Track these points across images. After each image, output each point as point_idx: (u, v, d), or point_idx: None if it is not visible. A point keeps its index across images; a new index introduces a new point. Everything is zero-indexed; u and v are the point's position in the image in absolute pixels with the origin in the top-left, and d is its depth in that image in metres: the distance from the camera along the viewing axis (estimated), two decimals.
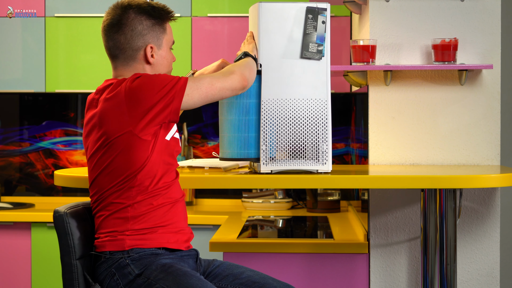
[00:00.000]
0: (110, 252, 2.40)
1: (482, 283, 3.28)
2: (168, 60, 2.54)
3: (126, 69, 2.49)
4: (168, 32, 2.54)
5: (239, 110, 2.73)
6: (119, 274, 2.38)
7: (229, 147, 2.76)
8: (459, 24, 3.27)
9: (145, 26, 2.48)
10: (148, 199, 2.41)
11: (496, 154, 3.27)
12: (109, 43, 2.49)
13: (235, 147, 2.74)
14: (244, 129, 2.73)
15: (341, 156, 4.71)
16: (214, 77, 2.46)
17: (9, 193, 4.87)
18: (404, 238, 3.32)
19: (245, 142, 2.74)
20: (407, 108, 3.29)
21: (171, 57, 2.56)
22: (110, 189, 2.41)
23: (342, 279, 3.29)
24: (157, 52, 2.50)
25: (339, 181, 2.76)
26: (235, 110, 2.74)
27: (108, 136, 2.38)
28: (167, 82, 2.37)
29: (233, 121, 2.74)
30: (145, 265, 2.38)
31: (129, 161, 2.37)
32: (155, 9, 2.49)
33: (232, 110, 2.74)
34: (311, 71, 2.74)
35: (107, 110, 2.38)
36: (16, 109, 4.89)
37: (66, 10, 4.60)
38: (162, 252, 2.42)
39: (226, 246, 3.31)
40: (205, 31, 4.56)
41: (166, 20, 2.52)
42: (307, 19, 2.73)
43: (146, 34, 2.48)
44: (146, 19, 2.48)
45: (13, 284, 4.41)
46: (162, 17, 2.51)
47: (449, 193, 3.04)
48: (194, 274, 2.35)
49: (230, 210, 4.49)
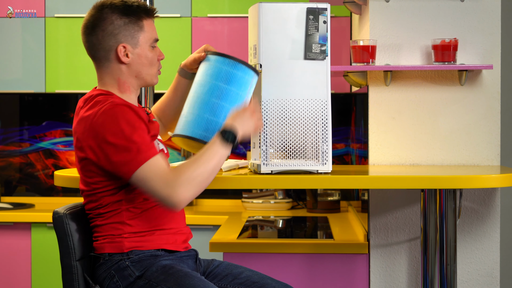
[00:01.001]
0: (109, 254, 2.40)
1: (482, 283, 3.28)
2: (149, 59, 2.46)
3: (104, 70, 2.46)
4: (147, 30, 2.45)
5: (214, 93, 2.54)
6: (118, 276, 2.37)
7: (188, 124, 2.52)
8: (459, 24, 3.27)
9: (117, 25, 2.41)
10: (143, 201, 2.41)
11: (496, 154, 3.27)
12: (85, 45, 2.48)
13: (195, 126, 2.50)
14: (212, 112, 2.51)
15: (341, 156, 4.71)
16: (160, 180, 2.29)
17: (9, 194, 4.87)
18: (404, 238, 3.32)
19: (208, 125, 2.51)
20: (407, 108, 3.29)
21: (154, 55, 2.47)
22: (103, 193, 2.40)
23: (342, 279, 3.29)
24: (132, 51, 2.43)
25: (339, 181, 2.76)
26: (210, 91, 2.53)
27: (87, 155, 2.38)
28: (127, 136, 2.29)
29: (204, 100, 2.53)
30: (146, 267, 2.37)
31: (113, 174, 2.36)
32: (129, 6, 2.42)
33: (206, 90, 2.54)
34: (311, 72, 2.74)
35: (80, 134, 2.37)
36: (16, 109, 4.89)
37: (66, 10, 4.60)
38: (161, 253, 2.41)
39: (226, 246, 3.31)
40: (205, 31, 4.56)
41: (142, 17, 2.44)
42: (308, 20, 2.73)
43: (118, 34, 2.42)
44: (118, 18, 2.41)
45: (13, 284, 4.41)
46: (137, 14, 2.43)
47: (449, 193, 3.04)
48: (195, 275, 2.35)
49: (230, 211, 4.49)
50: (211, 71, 2.55)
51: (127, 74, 2.45)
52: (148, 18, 2.46)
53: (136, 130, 2.30)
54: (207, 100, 2.51)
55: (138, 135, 2.30)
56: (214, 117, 2.50)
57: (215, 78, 2.53)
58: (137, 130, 2.31)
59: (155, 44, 2.48)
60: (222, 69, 2.53)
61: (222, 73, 2.53)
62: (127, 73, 2.45)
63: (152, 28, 2.48)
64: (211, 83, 2.53)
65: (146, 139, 2.32)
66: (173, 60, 4.52)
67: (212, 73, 2.55)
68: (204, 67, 2.58)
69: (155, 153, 2.31)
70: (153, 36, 2.47)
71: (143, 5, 2.46)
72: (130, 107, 2.34)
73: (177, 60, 4.55)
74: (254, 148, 2.91)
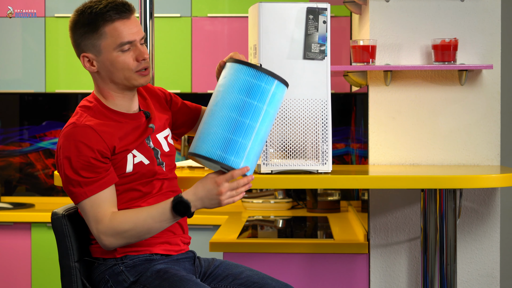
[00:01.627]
0: (104, 258, 2.39)
1: (482, 283, 3.28)
2: (119, 63, 2.36)
3: (93, 78, 2.46)
4: (109, 35, 2.33)
5: (233, 107, 2.27)
6: (113, 280, 2.36)
7: (205, 142, 2.26)
8: (459, 24, 3.27)
9: (78, 35, 2.37)
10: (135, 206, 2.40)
11: (496, 154, 3.27)
12: None
13: (212, 144, 2.25)
14: (231, 130, 2.25)
15: (341, 156, 4.71)
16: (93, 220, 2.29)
17: (9, 193, 4.87)
18: (404, 238, 3.32)
19: (227, 145, 2.25)
20: (407, 108, 3.29)
21: (126, 58, 2.36)
22: None
23: (342, 279, 3.29)
24: (96, 59, 2.37)
25: (339, 181, 2.76)
26: (229, 105, 2.27)
27: None
28: (74, 168, 2.30)
29: (221, 116, 2.26)
30: (140, 272, 2.36)
31: None
32: (86, 15, 2.35)
33: (225, 104, 2.28)
34: (311, 71, 2.74)
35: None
36: (16, 109, 4.89)
37: (66, 10, 4.60)
38: (156, 257, 2.39)
39: (226, 246, 3.31)
40: (205, 31, 4.56)
41: (100, 24, 2.34)
42: (308, 20, 2.73)
43: (79, 44, 2.38)
44: (79, 28, 2.37)
45: (13, 284, 4.41)
46: (93, 22, 2.34)
47: (449, 193, 3.04)
48: (190, 279, 2.32)
49: (230, 210, 4.49)
50: (230, 81, 2.29)
51: (101, 81, 2.41)
52: (112, 23, 2.34)
53: (83, 164, 2.30)
54: (226, 115, 2.25)
55: (85, 170, 2.30)
56: (233, 135, 2.23)
57: (236, 90, 2.27)
58: (84, 164, 2.30)
59: (125, 47, 2.35)
60: (242, 79, 2.28)
61: (242, 83, 2.27)
62: (101, 80, 2.41)
63: (117, 32, 2.34)
64: (231, 95, 2.27)
65: (93, 174, 2.30)
66: (173, 60, 4.52)
67: (231, 84, 2.29)
68: (223, 77, 2.34)
69: (98, 190, 2.30)
70: (118, 40, 2.34)
71: (100, 11, 2.33)
72: (86, 135, 2.31)
73: (177, 60, 4.55)
74: None
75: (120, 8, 2.35)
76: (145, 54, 2.37)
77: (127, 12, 2.36)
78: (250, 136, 2.25)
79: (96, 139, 2.31)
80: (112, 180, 2.33)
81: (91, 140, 2.31)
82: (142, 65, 2.38)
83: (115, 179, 2.34)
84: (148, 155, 2.42)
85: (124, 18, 2.36)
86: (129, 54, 2.37)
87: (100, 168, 2.31)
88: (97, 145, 2.31)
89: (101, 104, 2.41)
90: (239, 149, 2.24)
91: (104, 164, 2.32)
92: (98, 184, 2.30)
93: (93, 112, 2.38)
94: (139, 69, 2.38)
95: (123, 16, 2.35)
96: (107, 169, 2.33)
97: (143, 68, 2.39)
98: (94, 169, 2.30)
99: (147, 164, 2.40)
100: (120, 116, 2.41)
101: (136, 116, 2.44)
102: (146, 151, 2.42)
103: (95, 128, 2.32)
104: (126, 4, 2.38)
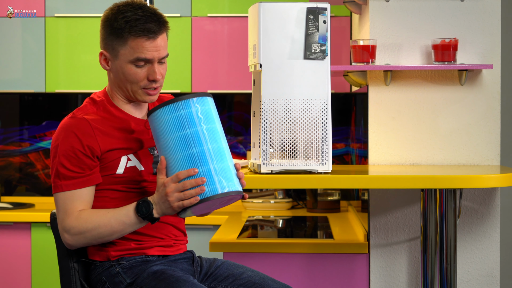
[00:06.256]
0: (100, 260, 2.39)
1: (482, 283, 3.28)
2: (131, 75, 2.34)
3: (107, 74, 2.46)
4: (129, 47, 2.32)
5: (179, 147, 2.21)
6: (109, 282, 2.35)
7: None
8: (459, 24, 3.27)
9: (105, 32, 2.37)
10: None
11: (496, 154, 3.27)
12: None
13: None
14: (191, 166, 2.20)
15: (341, 156, 4.71)
16: (61, 216, 2.29)
17: (9, 193, 4.87)
18: (404, 238, 3.32)
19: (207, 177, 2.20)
20: (407, 108, 3.29)
21: (138, 74, 2.35)
22: None
23: (342, 279, 3.29)
24: (112, 61, 2.37)
25: (339, 181, 2.76)
26: (176, 148, 2.21)
27: None
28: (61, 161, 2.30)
29: (177, 161, 2.22)
30: (137, 274, 2.35)
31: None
32: (118, 19, 2.33)
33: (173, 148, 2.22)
34: (311, 71, 2.74)
35: None
36: (16, 109, 4.89)
37: (66, 10, 4.60)
38: (152, 258, 2.38)
39: (226, 246, 3.31)
40: (205, 31, 4.56)
41: (126, 34, 2.32)
42: (308, 20, 2.73)
43: (103, 40, 2.38)
44: (107, 26, 2.36)
45: (13, 284, 4.41)
46: (121, 29, 2.32)
47: (449, 193, 3.04)
48: (186, 279, 2.31)
49: (230, 210, 4.49)
50: (158, 131, 2.25)
51: (112, 81, 2.41)
52: (136, 37, 2.31)
53: (68, 154, 2.30)
54: (177, 159, 2.21)
55: (68, 161, 2.29)
56: (200, 167, 2.19)
57: (167, 134, 2.22)
58: (69, 154, 2.30)
59: (140, 63, 2.33)
60: (164, 121, 2.23)
61: (166, 124, 2.23)
62: (112, 80, 2.41)
63: (139, 48, 2.32)
64: (167, 141, 2.23)
65: (75, 169, 2.30)
66: (173, 60, 4.52)
67: (160, 132, 2.24)
68: (153, 133, 2.28)
69: (75, 188, 2.29)
70: (135, 54, 2.32)
71: (137, 24, 2.31)
72: (80, 127, 2.31)
73: (177, 60, 4.55)
74: (254, 148, 2.92)
75: (150, 27, 2.32)
76: (157, 75, 2.35)
77: (155, 33, 2.33)
78: (206, 160, 2.20)
79: (89, 134, 2.31)
80: (93, 180, 2.32)
81: (84, 134, 2.30)
82: (151, 85, 2.37)
83: (97, 180, 2.33)
84: (146, 162, 2.39)
85: (151, 38, 2.33)
86: (142, 70, 2.35)
87: (85, 165, 2.30)
88: (87, 140, 2.30)
89: (109, 101, 2.41)
90: (207, 177, 2.20)
91: (90, 161, 2.31)
92: (77, 182, 2.30)
93: (98, 107, 2.38)
94: (147, 87, 2.37)
95: (150, 37, 2.33)
96: (91, 167, 2.31)
97: (152, 87, 2.37)
98: (78, 163, 2.30)
99: (141, 170, 2.38)
100: (124, 115, 2.40)
101: (141, 122, 2.42)
102: (145, 158, 2.40)
103: (91, 124, 2.32)
104: (160, 21, 2.35)
